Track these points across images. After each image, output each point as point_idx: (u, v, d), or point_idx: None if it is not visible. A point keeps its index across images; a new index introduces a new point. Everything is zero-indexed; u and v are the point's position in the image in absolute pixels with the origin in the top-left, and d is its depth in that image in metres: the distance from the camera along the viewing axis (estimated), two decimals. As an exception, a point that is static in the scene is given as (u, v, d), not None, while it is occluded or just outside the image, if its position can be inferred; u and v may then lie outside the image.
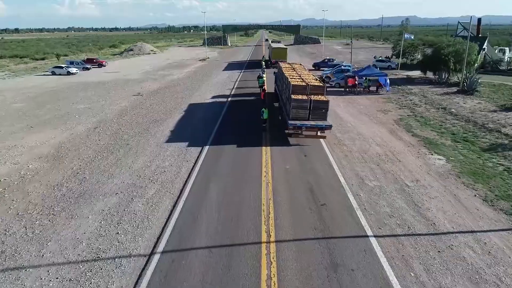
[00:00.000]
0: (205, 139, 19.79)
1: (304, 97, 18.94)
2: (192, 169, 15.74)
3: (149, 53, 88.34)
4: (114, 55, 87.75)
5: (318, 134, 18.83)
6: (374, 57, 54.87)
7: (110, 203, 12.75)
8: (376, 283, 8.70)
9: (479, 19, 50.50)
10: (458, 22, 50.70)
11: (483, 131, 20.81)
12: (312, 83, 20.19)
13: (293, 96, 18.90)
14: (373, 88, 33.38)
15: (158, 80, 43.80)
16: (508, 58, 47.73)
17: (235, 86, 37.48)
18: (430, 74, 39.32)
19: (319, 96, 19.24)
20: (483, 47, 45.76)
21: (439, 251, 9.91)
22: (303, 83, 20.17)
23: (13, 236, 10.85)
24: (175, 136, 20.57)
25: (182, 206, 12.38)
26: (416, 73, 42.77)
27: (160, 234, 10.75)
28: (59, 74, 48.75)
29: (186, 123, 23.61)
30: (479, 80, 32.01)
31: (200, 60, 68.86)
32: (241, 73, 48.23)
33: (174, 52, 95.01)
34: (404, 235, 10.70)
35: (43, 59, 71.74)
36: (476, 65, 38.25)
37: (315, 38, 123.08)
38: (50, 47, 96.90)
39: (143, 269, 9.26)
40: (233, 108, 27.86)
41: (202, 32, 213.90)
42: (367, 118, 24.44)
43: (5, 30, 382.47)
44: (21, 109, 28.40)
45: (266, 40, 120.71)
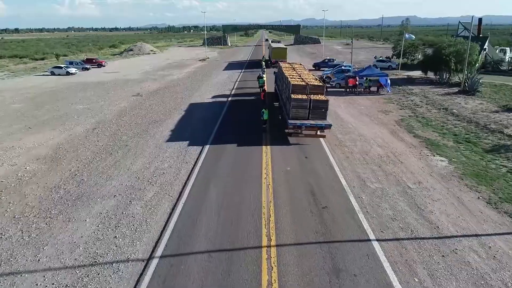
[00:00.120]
0: (204, 140, 19.59)
1: (304, 96, 18.99)
2: (191, 170, 15.54)
3: (149, 53, 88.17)
4: (114, 55, 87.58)
5: (318, 133, 18.88)
6: (375, 57, 54.65)
7: (108, 206, 12.55)
8: (379, 289, 8.51)
9: (480, 19, 50.31)
10: (459, 22, 50.53)
11: (485, 132, 20.62)
12: (311, 83, 20.26)
13: (293, 96, 18.94)
14: (373, 89, 33.18)
15: (157, 80, 43.61)
16: (509, 58, 47.51)
17: (235, 86, 37.29)
18: (431, 74, 39.10)
19: (319, 95, 19.28)
20: (484, 47, 45.56)
21: (443, 256, 9.71)
22: (303, 83, 20.24)
23: (9, 240, 10.66)
24: (175, 137, 20.37)
25: (181, 209, 12.18)
26: (417, 73, 42.57)
27: (159, 238, 10.55)
28: (58, 74, 48.58)
29: (185, 123, 23.42)
30: (480, 81, 31.82)
31: (200, 60, 68.66)
32: (241, 73, 48.03)
33: (174, 52, 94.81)
34: (407, 238, 10.50)
35: (42, 59, 71.55)
36: (477, 65, 38.05)
37: (315, 38, 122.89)
38: (49, 47, 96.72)
39: (141, 274, 9.06)
40: (233, 108, 27.66)
41: (202, 32, 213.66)
42: (368, 118, 24.24)
43: (5, 30, 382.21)
44: (20, 110, 28.21)
45: (266, 40, 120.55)
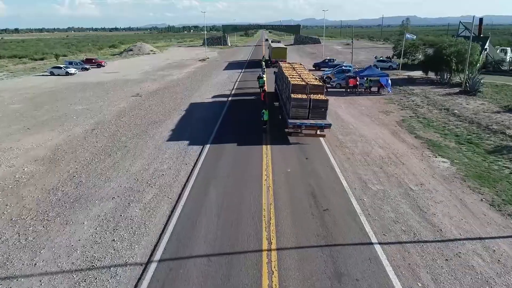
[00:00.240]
0: (204, 141, 19.43)
1: (304, 96, 19.02)
2: (191, 172, 15.38)
3: (148, 53, 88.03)
4: (113, 55, 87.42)
5: (318, 132, 18.96)
6: (375, 57, 54.50)
7: (106, 208, 12.39)
8: (382, 294, 8.35)
9: (481, 19, 50.11)
10: (460, 22, 50.40)
11: (487, 133, 20.45)
12: (311, 83, 20.32)
13: (293, 95, 18.97)
14: (374, 89, 33.02)
15: (157, 80, 43.44)
16: (510, 58, 47.31)
17: (235, 87, 37.12)
18: (431, 75, 38.92)
19: (319, 95, 19.34)
20: (485, 47, 45.38)
21: (446, 259, 9.54)
22: (303, 83, 20.28)
23: (6, 243, 10.49)
24: (174, 138, 20.20)
25: (181, 211, 12.01)
26: (418, 74, 42.40)
27: (158, 241, 10.38)
28: (58, 75, 48.43)
29: (185, 124, 23.25)
30: (481, 81, 31.66)
31: (199, 60, 68.50)
32: (241, 73, 47.86)
33: (173, 52, 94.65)
34: (410, 242, 10.33)
35: (42, 59, 71.41)
36: (478, 65, 37.88)
37: (315, 38, 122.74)
38: (49, 47, 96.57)
39: (139, 279, 8.89)
40: (233, 108, 27.51)
41: (202, 32, 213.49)
42: (368, 119, 24.08)
43: (5, 30, 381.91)
44: (19, 110, 28.05)
45: (266, 40, 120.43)
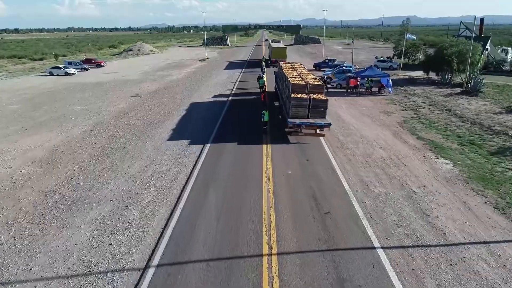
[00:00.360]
0: (204, 142, 19.21)
1: (304, 95, 19.12)
2: (190, 174, 15.18)
3: (148, 53, 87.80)
4: (113, 55, 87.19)
5: (318, 132, 19.02)
6: (376, 57, 54.28)
7: (104, 211, 12.18)
8: (385, 301, 8.14)
9: (482, 19, 49.91)
10: (461, 22, 50.22)
11: (489, 134, 20.24)
12: (311, 82, 20.47)
13: (292, 95, 19.09)
14: (375, 89, 32.82)
15: (157, 80, 43.23)
16: (511, 58, 47.13)
17: (235, 87, 36.91)
18: (432, 75, 38.72)
19: (318, 94, 19.48)
20: (486, 47, 45.19)
21: (451, 264, 9.34)
22: (303, 82, 20.39)
23: (1, 247, 10.28)
24: (173, 139, 19.98)
25: (179, 215, 11.81)
26: (418, 74, 42.19)
27: (156, 246, 10.18)
28: (57, 75, 48.19)
29: (184, 125, 23.04)
30: (483, 81, 31.46)
31: (199, 60, 68.28)
32: (241, 73, 47.64)
33: (173, 52, 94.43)
34: (413, 246, 10.12)
35: (41, 59, 71.19)
36: (479, 65, 37.68)
37: (315, 38, 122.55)
38: (49, 47, 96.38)
39: (137, 284, 8.69)
40: (233, 109, 27.33)
41: (202, 32, 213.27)
42: (370, 120, 23.87)
43: (5, 30, 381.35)
44: (17, 111, 27.84)
45: (266, 40, 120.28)
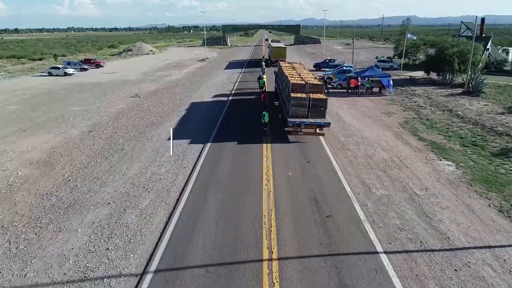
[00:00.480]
0: (203, 144, 19.01)
1: (303, 95, 19.24)
2: (189, 176, 14.97)
3: (148, 54, 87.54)
4: (112, 55, 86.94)
5: (317, 131, 19.17)
6: (376, 58, 54.05)
7: (101, 215, 11.97)
8: (389, 308, 7.94)
9: (483, 19, 49.64)
10: (462, 22, 50.00)
11: (492, 135, 20.04)
12: (311, 82, 20.62)
13: (292, 94, 19.21)
14: (376, 90, 32.62)
15: (156, 81, 43.02)
16: (512, 58, 46.93)
17: (235, 87, 36.71)
18: (433, 75, 38.51)
19: (318, 94, 19.61)
20: (487, 47, 44.97)
21: (455, 270, 9.13)
22: (303, 82, 20.52)
23: (-5, 252, 10.08)
24: (170, 143, 19.73)
25: (178, 218, 11.59)
26: (419, 74, 41.97)
27: (154, 250, 9.97)
28: (56, 75, 47.96)
29: (184, 126, 22.82)
30: (484, 81, 31.25)
31: (199, 60, 68.06)
32: (241, 73, 47.42)
33: (173, 52, 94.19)
34: (417, 251, 9.92)
35: (40, 59, 70.93)
36: (480, 65, 37.46)
37: (315, 38, 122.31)
38: (48, 48, 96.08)
39: (134, 291, 8.50)
40: (233, 109, 27.14)
41: (202, 32, 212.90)
42: (371, 121, 23.65)
43: (5, 30, 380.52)
44: (15, 111, 27.61)
45: (266, 40, 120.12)
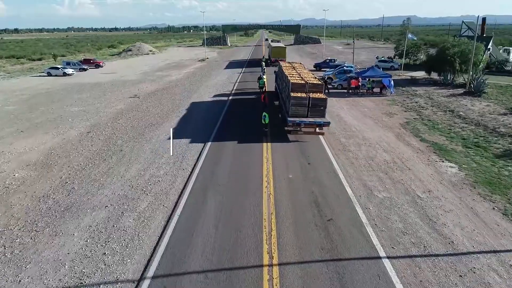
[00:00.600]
0: (202, 145, 18.79)
1: (303, 94, 19.28)
2: (188, 178, 14.75)
3: (147, 54, 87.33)
4: (112, 55, 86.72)
5: (317, 130, 19.30)
6: (376, 58, 53.81)
7: (98, 218, 11.75)
8: (392, 315, 7.72)
9: (484, 19, 49.40)
10: (462, 21, 49.80)
11: (495, 136, 19.82)
12: (310, 81, 20.65)
13: (292, 94, 19.23)
14: (376, 90, 32.41)
15: (155, 81, 42.79)
16: (514, 58, 46.70)
17: (235, 88, 36.49)
18: (434, 75, 38.28)
19: (318, 93, 19.66)
20: (488, 47, 44.74)
21: (460, 276, 8.91)
22: (302, 81, 20.53)
23: (-10, 257, 9.87)
24: (170, 143, 19.52)
25: (177, 222, 11.38)
26: (420, 74, 41.76)
27: (151, 255, 9.75)
28: (55, 75, 47.76)
29: (183, 127, 22.59)
30: (486, 81, 31.03)
31: (199, 60, 67.83)
32: (241, 73, 47.18)
33: (173, 52, 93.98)
34: (421, 255, 9.70)
35: (40, 59, 70.71)
36: (481, 65, 37.22)
37: (316, 38, 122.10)
38: (48, 48, 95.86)
39: (131, 298, 8.28)
40: (233, 109, 26.95)
41: (202, 32, 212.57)
42: (372, 121, 23.43)
43: (5, 31, 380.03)
44: (13, 112, 27.39)
45: (266, 40, 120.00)
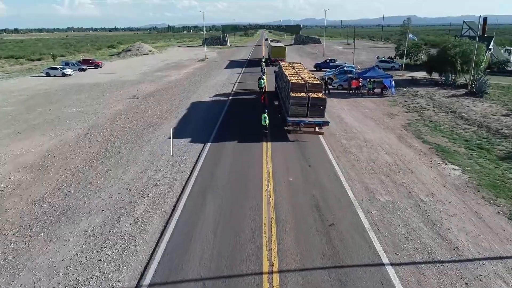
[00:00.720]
0: (201, 147, 18.53)
1: (303, 94, 19.32)
2: (187, 181, 14.48)
3: (147, 54, 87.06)
4: (112, 55, 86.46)
5: (316, 130, 19.37)
6: (377, 58, 53.55)
7: (94, 223, 11.49)
8: (397, 326, 7.46)
9: (485, 18, 49.23)
10: (463, 21, 49.57)
11: (498, 137, 19.55)
12: (310, 81, 20.74)
13: (292, 94, 19.27)
14: (377, 90, 32.15)
15: (155, 81, 42.53)
16: (515, 59, 46.45)
17: (235, 88, 36.22)
18: (435, 75, 38.00)
19: (317, 93, 19.71)
20: (489, 47, 44.52)
21: (466, 283, 8.65)
22: (302, 81, 20.60)
23: (-18, 264, 9.60)
24: (170, 143, 19.27)
25: (174, 227, 11.11)
26: (421, 74, 41.50)
27: (148, 262, 9.48)
28: (54, 76, 47.50)
29: (182, 128, 22.32)
30: (488, 82, 30.77)
31: (199, 60, 67.58)
32: (241, 74, 46.92)
33: (172, 52, 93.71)
34: (425, 262, 9.43)
35: (39, 59, 70.45)
36: (483, 66, 36.97)
37: (316, 38, 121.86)
38: (47, 48, 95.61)
39: (126, 307, 8.02)
40: (233, 109, 26.70)
41: (201, 32, 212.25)
42: (373, 123, 23.17)
43: (5, 31, 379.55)
44: (11, 113, 27.13)
45: (266, 40, 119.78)
